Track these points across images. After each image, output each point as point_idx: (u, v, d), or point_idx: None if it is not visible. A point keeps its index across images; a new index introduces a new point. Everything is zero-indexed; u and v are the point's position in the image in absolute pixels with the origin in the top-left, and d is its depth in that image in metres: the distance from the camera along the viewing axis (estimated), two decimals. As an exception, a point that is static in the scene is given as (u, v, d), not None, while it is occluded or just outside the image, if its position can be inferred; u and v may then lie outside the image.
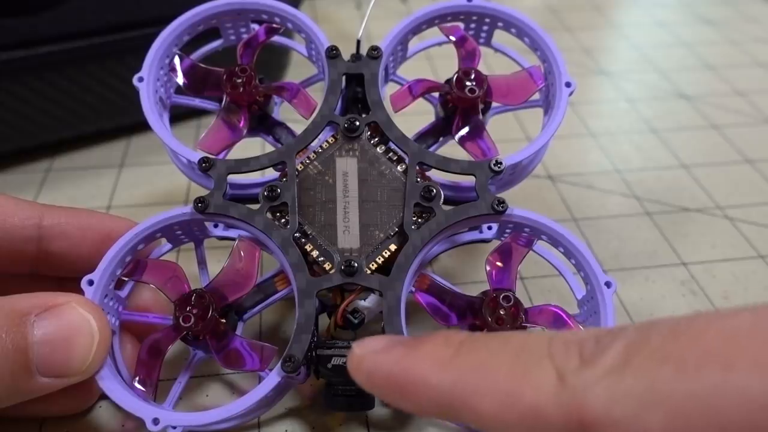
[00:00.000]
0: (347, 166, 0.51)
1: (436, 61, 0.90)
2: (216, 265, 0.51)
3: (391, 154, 0.52)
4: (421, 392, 0.32)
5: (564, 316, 0.49)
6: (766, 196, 0.72)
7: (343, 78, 0.53)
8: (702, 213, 0.70)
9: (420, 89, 0.54)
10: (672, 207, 0.71)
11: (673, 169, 0.77)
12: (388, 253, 0.49)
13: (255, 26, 0.57)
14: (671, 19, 1.10)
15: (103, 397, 0.49)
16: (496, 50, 0.58)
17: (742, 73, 0.95)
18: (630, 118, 0.85)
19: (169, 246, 0.54)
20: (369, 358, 0.34)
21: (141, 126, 0.79)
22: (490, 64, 0.59)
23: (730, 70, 0.96)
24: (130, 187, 0.75)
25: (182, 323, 0.47)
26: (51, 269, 0.52)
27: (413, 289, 0.50)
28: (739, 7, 1.14)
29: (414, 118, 0.55)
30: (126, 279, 0.51)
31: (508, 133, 0.80)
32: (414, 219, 0.50)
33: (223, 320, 0.48)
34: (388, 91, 0.56)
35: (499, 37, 0.58)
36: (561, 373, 0.29)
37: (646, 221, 0.69)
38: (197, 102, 0.57)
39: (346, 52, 0.54)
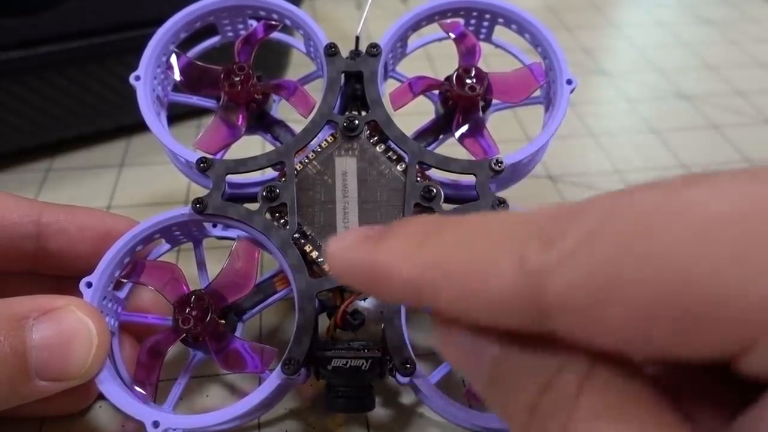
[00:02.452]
0: (346, 166, 0.51)
1: (435, 59, 0.90)
2: (215, 265, 0.51)
3: (390, 153, 0.52)
4: (389, 283, 0.32)
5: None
6: (767, 196, 0.72)
7: (342, 76, 0.53)
8: (702, 213, 0.70)
9: (420, 87, 0.53)
10: (672, 207, 0.70)
11: (673, 169, 0.76)
12: (388, 253, 0.49)
13: (253, 23, 0.57)
14: (671, 19, 1.10)
15: (103, 396, 0.49)
16: (497, 47, 0.58)
17: (742, 73, 0.95)
18: (630, 118, 0.85)
19: (167, 246, 0.53)
20: (340, 253, 0.34)
21: (141, 126, 0.78)
22: (490, 61, 0.59)
23: (730, 70, 0.96)
24: (130, 187, 0.75)
25: (181, 325, 0.47)
26: (49, 268, 0.52)
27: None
28: (739, 7, 1.14)
29: (413, 116, 0.55)
30: (125, 281, 0.51)
31: (508, 133, 0.80)
32: (414, 219, 0.49)
33: (223, 321, 0.48)
34: (388, 87, 0.55)
35: (500, 33, 0.57)
36: (522, 257, 0.28)
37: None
38: (195, 100, 0.56)
39: (346, 52, 0.54)
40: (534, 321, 0.28)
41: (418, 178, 0.51)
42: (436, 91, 0.55)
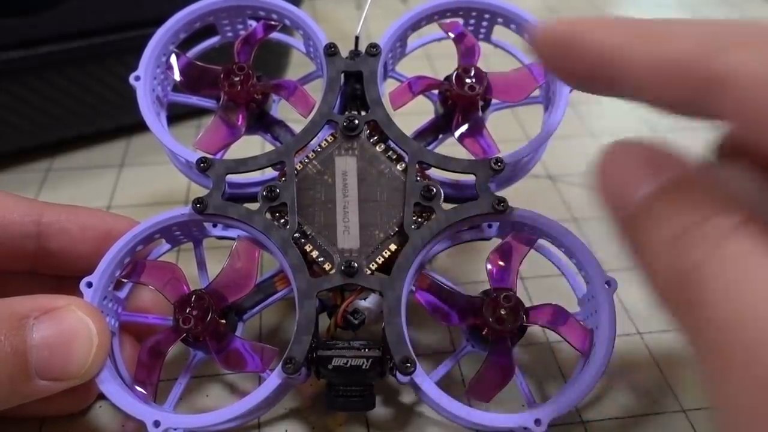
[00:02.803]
0: (346, 166, 0.51)
1: (435, 59, 0.90)
2: (215, 265, 0.51)
3: (390, 152, 0.52)
4: (583, 49, 0.36)
5: (564, 314, 0.49)
6: (767, 196, 0.72)
7: (342, 75, 0.53)
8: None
9: (420, 86, 0.53)
10: (672, 207, 0.70)
11: (674, 168, 0.76)
12: (389, 253, 0.49)
13: (252, 23, 0.57)
14: (671, 18, 1.10)
15: (103, 396, 0.49)
16: (496, 46, 0.58)
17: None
18: (630, 118, 0.85)
19: (168, 246, 0.53)
20: (548, 26, 0.38)
21: (141, 126, 0.78)
22: (490, 61, 0.59)
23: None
24: (130, 187, 0.75)
25: (182, 325, 0.47)
26: (50, 268, 0.52)
27: (414, 289, 0.50)
28: (739, 7, 1.14)
29: (413, 116, 0.55)
30: (125, 280, 0.51)
31: (508, 132, 0.80)
32: (414, 218, 0.50)
33: (223, 321, 0.48)
34: (387, 87, 0.55)
35: (499, 33, 0.57)
36: (709, 36, 0.31)
37: (647, 221, 0.68)
38: (194, 100, 0.56)
39: (346, 52, 0.54)
40: (705, 93, 0.30)
41: (418, 178, 0.51)
42: (436, 91, 0.55)
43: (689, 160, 0.34)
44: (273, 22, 0.56)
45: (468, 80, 0.52)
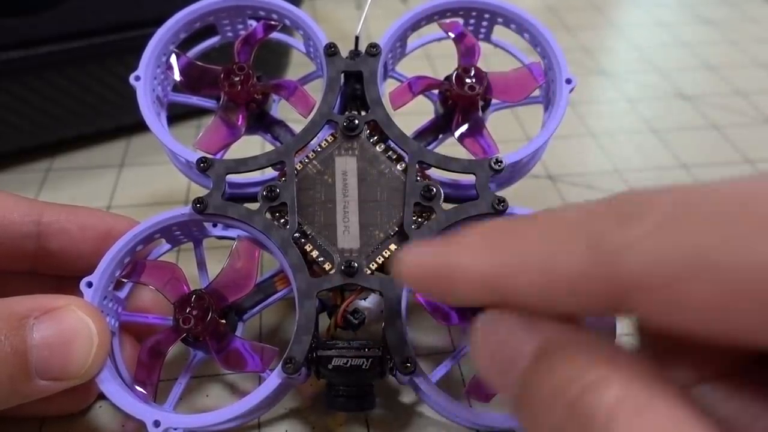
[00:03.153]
0: (346, 166, 0.51)
1: (435, 59, 0.90)
2: (215, 265, 0.51)
3: (390, 152, 0.52)
4: (462, 281, 0.32)
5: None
6: (766, 196, 0.72)
7: (342, 75, 0.53)
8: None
9: (419, 86, 0.53)
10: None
11: (673, 169, 0.76)
12: (389, 253, 0.49)
13: (252, 23, 0.57)
14: (671, 19, 1.10)
15: (103, 396, 0.49)
16: (496, 46, 0.58)
17: (742, 73, 0.95)
18: (630, 118, 0.85)
19: (168, 246, 0.53)
20: (413, 259, 0.35)
21: (141, 126, 0.78)
22: (490, 61, 0.59)
23: (730, 70, 0.96)
24: (130, 187, 0.75)
25: (182, 325, 0.47)
26: (50, 268, 0.52)
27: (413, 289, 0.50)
28: (740, 7, 1.14)
29: (413, 116, 0.55)
30: (125, 280, 0.51)
31: (508, 133, 0.80)
32: (414, 218, 0.50)
33: (223, 321, 0.48)
34: (387, 87, 0.55)
35: (499, 33, 0.57)
36: (596, 238, 0.28)
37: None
38: (195, 100, 0.56)
39: (347, 52, 0.54)
40: (612, 302, 0.28)
41: (418, 178, 0.51)
42: (436, 91, 0.55)
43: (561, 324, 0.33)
44: (273, 22, 0.56)
45: (468, 80, 0.52)
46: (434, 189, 0.50)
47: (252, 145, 0.58)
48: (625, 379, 0.27)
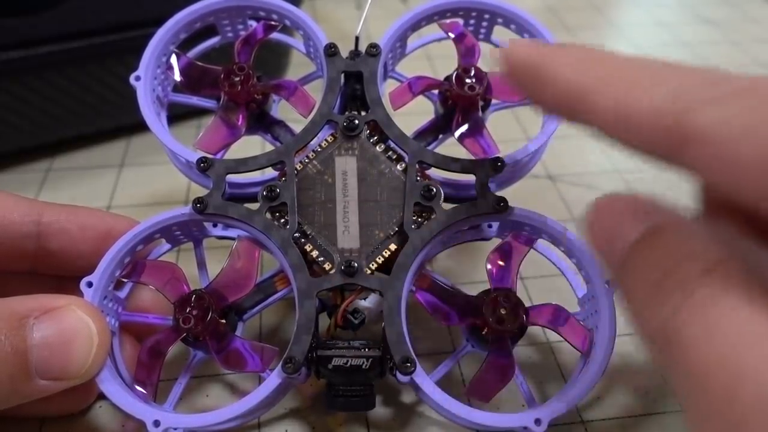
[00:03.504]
0: (346, 165, 0.51)
1: (435, 59, 0.90)
2: (215, 265, 0.51)
3: (390, 152, 0.52)
4: (550, 82, 0.35)
5: (564, 314, 0.49)
6: (767, 196, 0.71)
7: (342, 76, 0.53)
8: (702, 213, 0.70)
9: (419, 87, 0.53)
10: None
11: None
12: (388, 252, 0.49)
13: (252, 23, 0.57)
14: (671, 19, 1.10)
15: (103, 396, 0.49)
16: (496, 46, 0.58)
17: (742, 73, 0.95)
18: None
19: (168, 246, 0.54)
20: (518, 49, 0.37)
21: (141, 126, 0.78)
22: (490, 61, 0.59)
23: (730, 70, 0.95)
24: (130, 187, 0.75)
25: (182, 324, 0.47)
26: (50, 267, 0.52)
27: (414, 289, 0.50)
28: (740, 7, 1.14)
29: (413, 116, 0.55)
30: (125, 280, 0.51)
31: (508, 133, 0.80)
32: (414, 218, 0.50)
33: (223, 321, 0.48)
34: (387, 88, 0.55)
35: (499, 33, 0.57)
36: (679, 89, 0.31)
37: (647, 221, 0.68)
38: (195, 100, 0.57)
39: (347, 52, 0.54)
40: (672, 147, 0.31)
41: (418, 178, 0.51)
42: (436, 91, 0.55)
43: (674, 211, 0.36)
44: (273, 23, 0.56)
45: (468, 80, 0.52)
46: (434, 189, 0.50)
47: (252, 146, 0.58)
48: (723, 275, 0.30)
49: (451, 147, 0.53)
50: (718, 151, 0.28)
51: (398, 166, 0.51)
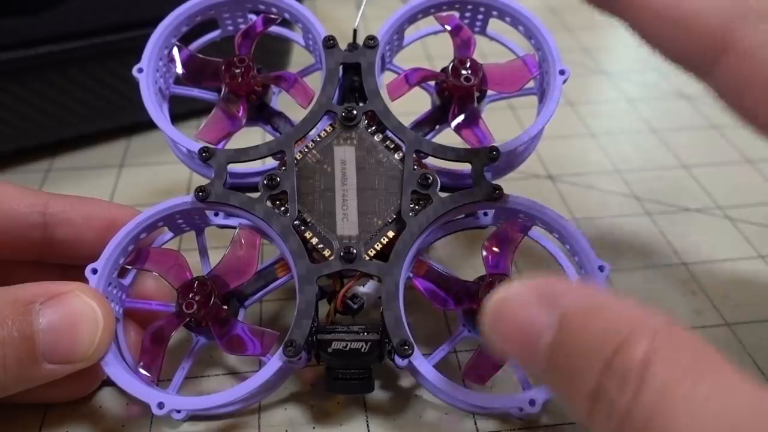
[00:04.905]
0: (345, 155, 0.52)
1: (431, 52, 0.91)
2: (217, 254, 0.52)
3: (388, 142, 0.53)
4: None
5: None
6: (766, 196, 0.72)
7: (340, 67, 0.54)
8: (702, 213, 0.70)
9: (416, 78, 0.54)
10: (672, 207, 0.71)
11: (673, 169, 0.77)
12: (386, 239, 0.50)
13: (252, 17, 0.58)
14: (669, 19, 1.10)
15: (107, 382, 0.50)
16: (491, 39, 0.59)
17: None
18: (630, 118, 0.85)
19: (170, 235, 0.54)
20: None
21: (141, 126, 0.80)
22: (485, 53, 0.59)
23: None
24: (130, 186, 0.75)
25: (185, 310, 0.48)
26: (55, 257, 0.53)
27: (411, 275, 0.50)
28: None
29: (410, 107, 0.56)
30: (129, 267, 0.52)
31: (508, 134, 0.80)
32: (411, 206, 0.50)
33: (225, 307, 0.49)
34: (385, 80, 0.56)
35: (494, 26, 0.58)
36: (734, 2, 0.34)
37: (646, 221, 0.69)
38: (196, 92, 0.57)
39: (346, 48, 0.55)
40: (708, 56, 0.34)
41: (415, 167, 0.51)
42: (433, 83, 0.56)
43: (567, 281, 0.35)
44: (272, 16, 0.57)
45: (464, 72, 0.53)
46: (431, 177, 0.50)
47: (252, 138, 0.59)
48: (651, 331, 0.29)
49: (448, 138, 0.54)
50: (755, 69, 0.29)
51: (396, 156, 0.52)
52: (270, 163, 0.54)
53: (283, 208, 0.50)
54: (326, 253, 0.50)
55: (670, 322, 0.30)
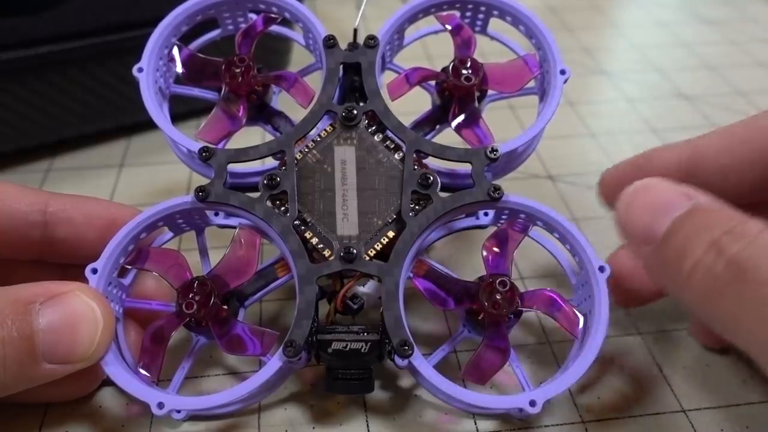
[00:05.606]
0: (345, 155, 0.52)
1: (431, 51, 0.91)
2: (217, 254, 0.52)
3: (388, 142, 0.52)
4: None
5: (559, 299, 0.49)
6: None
7: (341, 67, 0.54)
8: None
9: (417, 78, 0.54)
10: (672, 207, 0.70)
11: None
12: (386, 239, 0.50)
13: (253, 16, 0.58)
14: (671, 19, 1.11)
15: (107, 382, 0.50)
16: (492, 38, 0.59)
17: (742, 73, 0.95)
18: (630, 118, 0.85)
19: (170, 235, 0.54)
20: None
21: (141, 126, 0.80)
22: (486, 52, 0.59)
23: (730, 70, 0.96)
24: (130, 186, 0.75)
25: (185, 310, 0.47)
26: (56, 256, 0.52)
27: (411, 275, 0.50)
28: (739, 7, 1.14)
29: (411, 107, 0.56)
30: (129, 267, 0.51)
31: (508, 133, 0.80)
32: (411, 206, 0.50)
33: (225, 307, 0.49)
34: (385, 79, 0.56)
35: (495, 25, 0.58)
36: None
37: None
38: (196, 92, 0.57)
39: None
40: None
41: (416, 167, 0.51)
42: (433, 82, 0.55)
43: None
44: (273, 15, 0.57)
45: (464, 71, 0.53)
46: (431, 177, 0.50)
47: (252, 138, 0.59)
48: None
49: (448, 138, 0.54)
50: None
51: (396, 156, 0.52)
52: (270, 163, 0.54)
53: (283, 208, 0.50)
54: (326, 253, 0.50)
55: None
